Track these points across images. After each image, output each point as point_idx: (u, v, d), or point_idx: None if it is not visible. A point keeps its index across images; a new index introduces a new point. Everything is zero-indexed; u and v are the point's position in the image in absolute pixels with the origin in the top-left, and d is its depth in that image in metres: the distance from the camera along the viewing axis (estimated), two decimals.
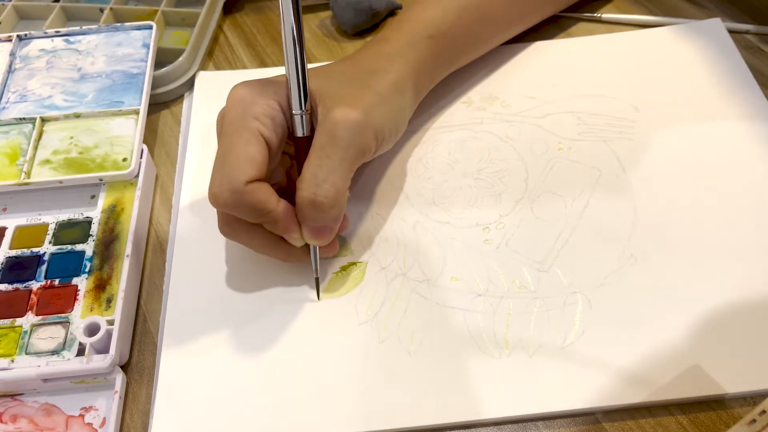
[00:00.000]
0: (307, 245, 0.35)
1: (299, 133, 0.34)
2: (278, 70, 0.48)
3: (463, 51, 0.43)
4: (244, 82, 0.34)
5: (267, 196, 0.32)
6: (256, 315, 0.36)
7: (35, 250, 0.38)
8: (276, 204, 0.32)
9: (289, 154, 0.37)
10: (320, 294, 0.36)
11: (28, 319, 0.35)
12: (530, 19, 0.47)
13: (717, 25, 0.47)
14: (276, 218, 0.33)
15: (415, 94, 0.39)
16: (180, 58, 0.47)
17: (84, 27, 0.47)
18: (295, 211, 0.33)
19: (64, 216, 0.39)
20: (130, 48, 0.46)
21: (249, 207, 0.32)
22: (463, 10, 0.41)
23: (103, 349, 0.34)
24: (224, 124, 0.33)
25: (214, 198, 0.32)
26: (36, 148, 0.41)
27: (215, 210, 0.40)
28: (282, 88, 0.34)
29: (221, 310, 0.36)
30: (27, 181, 0.39)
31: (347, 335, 0.35)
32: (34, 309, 0.36)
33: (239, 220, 0.34)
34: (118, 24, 0.47)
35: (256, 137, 0.32)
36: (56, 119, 0.42)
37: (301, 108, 0.33)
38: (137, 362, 0.36)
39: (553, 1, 0.48)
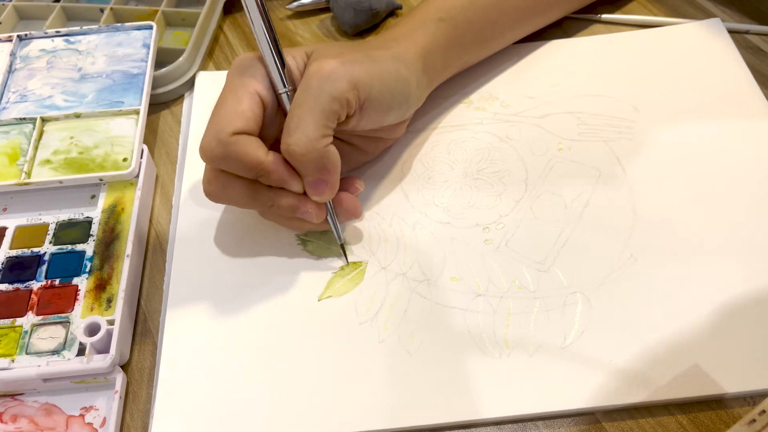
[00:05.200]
0: (324, 210, 0.35)
1: (287, 109, 0.34)
2: None
3: (478, 38, 0.42)
4: (248, 52, 0.35)
5: (254, 147, 0.32)
6: (256, 315, 0.36)
7: (35, 250, 0.38)
8: (265, 155, 0.33)
9: None
10: (347, 258, 0.37)
11: (29, 319, 0.35)
12: (548, 13, 0.47)
13: (717, 25, 0.47)
14: (267, 169, 0.33)
15: (426, 74, 0.38)
16: (180, 58, 0.47)
17: (84, 27, 0.47)
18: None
19: (65, 216, 0.39)
20: (130, 48, 0.46)
21: (235, 158, 0.32)
22: None
23: (103, 348, 0.34)
24: (224, 86, 0.34)
25: (202, 151, 0.33)
26: (36, 148, 0.41)
27: (215, 209, 0.40)
28: (287, 55, 0.34)
29: (221, 309, 0.36)
30: (27, 181, 0.39)
31: (347, 335, 0.35)
32: (35, 309, 0.36)
33: (234, 176, 0.34)
34: (119, 24, 0.47)
35: (249, 94, 0.33)
36: (56, 119, 0.42)
37: (283, 86, 0.34)
38: (137, 362, 0.36)
39: None
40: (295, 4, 0.52)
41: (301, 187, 0.34)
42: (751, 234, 0.37)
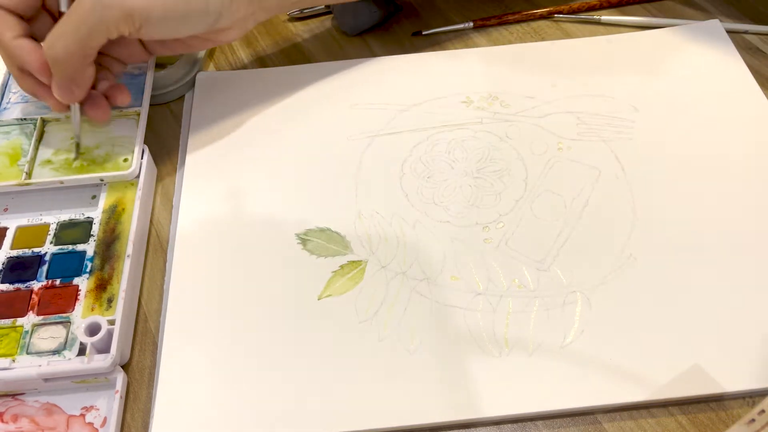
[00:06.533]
0: (58, 104, 0.38)
1: (62, 7, 0.36)
2: (278, 70, 0.48)
3: None
4: None
5: (2, 26, 0.35)
6: (256, 314, 0.36)
7: (36, 250, 0.38)
8: (11, 37, 0.35)
9: None
10: (78, 155, 0.40)
11: (29, 319, 0.35)
12: None
13: (716, 26, 0.47)
14: (9, 51, 0.35)
15: None
16: (181, 59, 0.47)
17: None
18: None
19: (65, 216, 0.40)
20: None
21: None
22: None
23: (104, 348, 0.34)
24: None
25: None
26: (37, 148, 0.41)
27: (216, 210, 0.40)
28: None
29: (221, 309, 0.36)
30: (28, 181, 0.39)
31: (347, 334, 0.35)
32: (35, 309, 0.36)
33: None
34: None
35: None
36: (57, 120, 0.42)
37: None
38: (138, 362, 0.36)
39: None
40: (296, 10, 0.52)
41: (46, 80, 0.36)
42: (750, 233, 0.37)
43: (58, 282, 0.37)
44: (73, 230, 0.39)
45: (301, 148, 0.43)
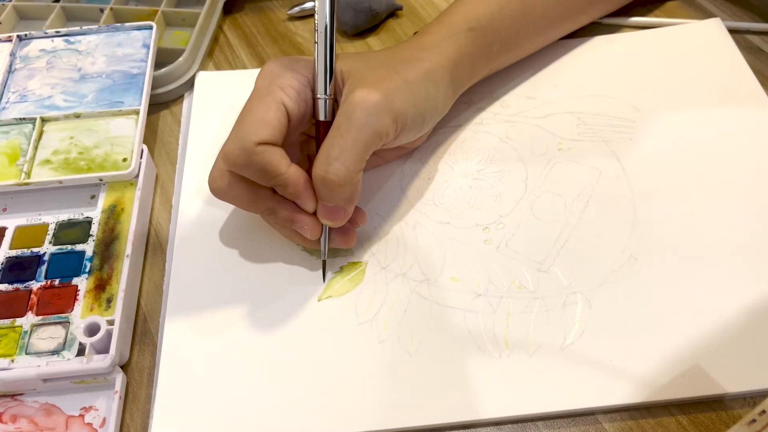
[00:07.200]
0: (320, 229, 0.35)
1: (321, 117, 0.34)
2: None
3: (505, 47, 0.42)
4: (278, 58, 0.36)
5: (277, 158, 0.33)
6: (255, 315, 0.36)
7: (35, 250, 0.38)
8: (287, 167, 0.33)
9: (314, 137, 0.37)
10: (325, 277, 0.37)
11: (28, 319, 0.35)
12: (576, 19, 0.47)
13: (717, 25, 0.47)
14: (286, 181, 0.33)
15: (453, 86, 0.39)
16: (180, 59, 0.47)
17: (84, 27, 0.47)
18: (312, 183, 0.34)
19: (64, 216, 0.39)
20: (130, 48, 0.46)
21: (257, 167, 0.33)
22: (505, 5, 0.41)
23: (103, 349, 0.34)
24: (252, 93, 0.34)
25: (225, 156, 0.33)
26: (36, 148, 0.41)
27: (215, 210, 0.40)
28: (312, 65, 0.35)
29: (221, 309, 0.36)
30: (27, 181, 0.39)
31: (347, 335, 0.35)
32: (34, 309, 0.36)
33: (242, 179, 0.34)
34: (118, 24, 0.47)
35: (276, 104, 0.33)
36: (56, 119, 0.42)
37: (325, 93, 0.34)
38: (137, 362, 0.36)
39: (600, 2, 0.47)
40: (296, 9, 0.52)
41: (313, 207, 0.34)
42: (750, 234, 0.37)
43: (57, 282, 0.37)
44: (72, 230, 0.39)
45: None
